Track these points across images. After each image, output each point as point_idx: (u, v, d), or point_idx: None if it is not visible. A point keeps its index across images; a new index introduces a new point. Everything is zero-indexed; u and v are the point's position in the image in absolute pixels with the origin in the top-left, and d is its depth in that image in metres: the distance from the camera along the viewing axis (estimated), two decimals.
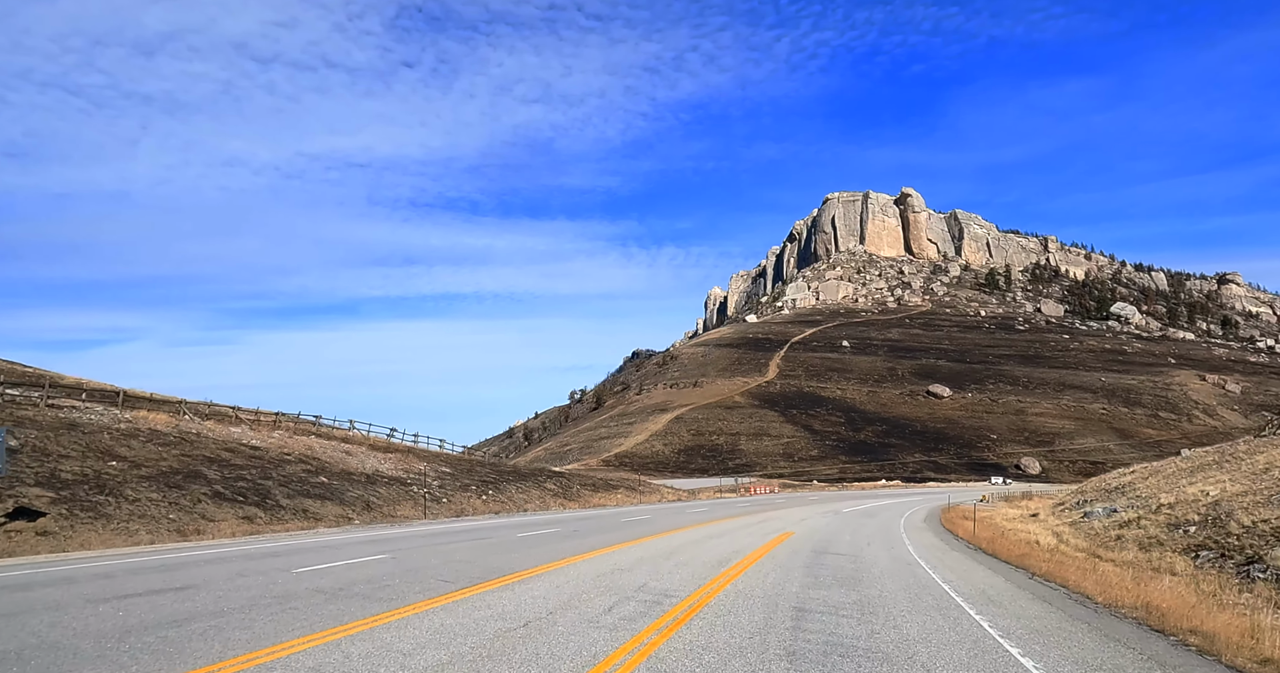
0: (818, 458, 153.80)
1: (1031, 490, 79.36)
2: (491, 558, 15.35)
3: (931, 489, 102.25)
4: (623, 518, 29.36)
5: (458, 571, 13.27)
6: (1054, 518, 31.65)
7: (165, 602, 9.65)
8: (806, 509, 36.08)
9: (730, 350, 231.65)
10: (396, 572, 12.85)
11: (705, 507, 38.59)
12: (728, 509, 35.97)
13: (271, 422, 33.97)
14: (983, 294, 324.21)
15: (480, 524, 25.30)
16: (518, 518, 29.30)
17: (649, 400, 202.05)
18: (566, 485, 39.91)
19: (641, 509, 36.09)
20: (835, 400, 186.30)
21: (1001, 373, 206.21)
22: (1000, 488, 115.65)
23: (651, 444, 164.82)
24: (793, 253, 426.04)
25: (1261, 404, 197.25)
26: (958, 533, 26.39)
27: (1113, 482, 35.86)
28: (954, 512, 38.10)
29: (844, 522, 29.69)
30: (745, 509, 35.82)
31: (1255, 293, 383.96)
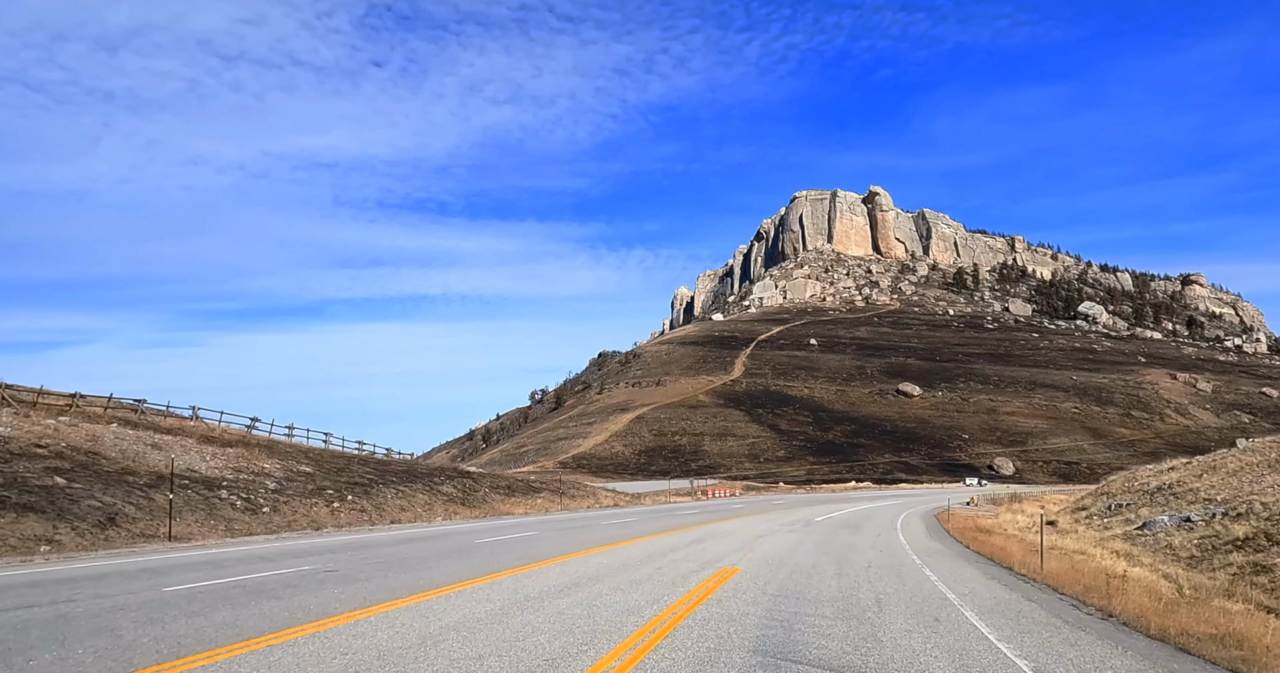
0: (785, 459, 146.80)
1: (1018, 493, 72.54)
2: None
3: (905, 491, 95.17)
4: (492, 537, 21.10)
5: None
6: (1086, 528, 24.28)
7: None
8: (768, 519, 27.73)
9: (695, 349, 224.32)
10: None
11: (637, 516, 30.52)
12: (665, 520, 27.81)
13: (63, 406, 25.70)
14: (951, 293, 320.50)
15: (257, 551, 16.89)
16: (362, 535, 21.32)
17: (610, 400, 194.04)
18: (470, 489, 31.83)
19: (550, 520, 27.39)
20: (803, 399, 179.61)
21: (972, 371, 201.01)
22: (978, 489, 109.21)
23: (611, 445, 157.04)
24: (760, 252, 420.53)
25: (1233, 403, 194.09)
26: (996, 558, 18.30)
27: (1149, 481, 28.78)
28: (957, 519, 30.63)
29: (820, 541, 21.31)
30: (689, 519, 27.75)
31: (1218, 294, 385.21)
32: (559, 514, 30.65)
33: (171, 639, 7.77)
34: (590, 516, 31.36)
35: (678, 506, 43.39)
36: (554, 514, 30.45)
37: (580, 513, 33.42)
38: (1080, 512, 28.64)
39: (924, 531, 25.38)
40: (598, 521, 26.50)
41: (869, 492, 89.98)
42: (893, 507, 44.20)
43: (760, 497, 65.30)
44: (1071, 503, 35.99)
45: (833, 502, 49.27)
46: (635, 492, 58.77)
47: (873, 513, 33.59)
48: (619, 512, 34.13)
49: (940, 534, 24.54)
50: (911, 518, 32.53)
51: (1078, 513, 28.28)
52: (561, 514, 31.09)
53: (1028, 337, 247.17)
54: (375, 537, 20.99)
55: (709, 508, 38.65)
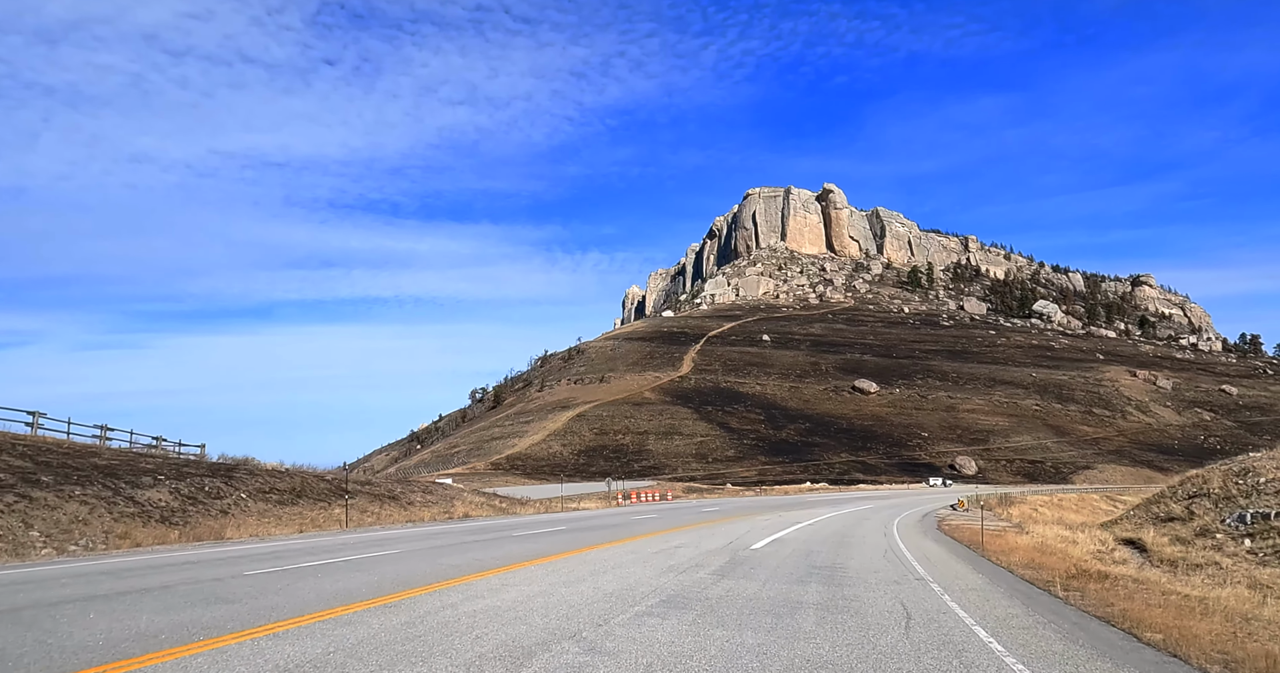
0: (735, 459, 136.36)
1: (1009, 494, 62.47)
2: None
3: (867, 493, 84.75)
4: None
5: None
6: (1212, 553, 13.61)
7: None
8: (665, 549, 15.96)
9: (642, 344, 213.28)
10: None
11: (480, 536, 19.22)
12: (504, 546, 16.42)
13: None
14: (905, 292, 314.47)
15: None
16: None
17: (551, 397, 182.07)
18: (215, 494, 20.18)
19: (245, 553, 14.92)
20: (754, 396, 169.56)
21: (930, 368, 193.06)
22: (944, 491, 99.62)
23: (548, 445, 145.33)
24: (713, 250, 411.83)
25: (1194, 401, 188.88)
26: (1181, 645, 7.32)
27: (1246, 480, 18.47)
28: (978, 537, 19.82)
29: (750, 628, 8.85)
30: (550, 546, 16.43)
31: (1167, 295, 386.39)
32: (315, 538, 18.45)
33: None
34: (408, 534, 19.87)
35: (577, 516, 32.05)
36: (312, 538, 18.47)
37: (402, 530, 21.84)
38: (1169, 523, 18.38)
39: (983, 581, 13.19)
40: (302, 557, 14.15)
41: (827, 494, 79.32)
42: (868, 514, 33.31)
43: (695, 502, 54.22)
44: (1136, 509, 25.61)
45: (786, 508, 38.16)
46: (541, 496, 47.40)
47: (848, 530, 22.28)
48: (449, 530, 22.43)
49: (1015, 585, 12.59)
50: (908, 530, 21.47)
51: (1165, 525, 18.11)
52: (321, 538, 18.78)
53: (984, 334, 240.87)
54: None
55: (606, 521, 26.44)
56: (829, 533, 21.11)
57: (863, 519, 28.66)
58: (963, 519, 29.79)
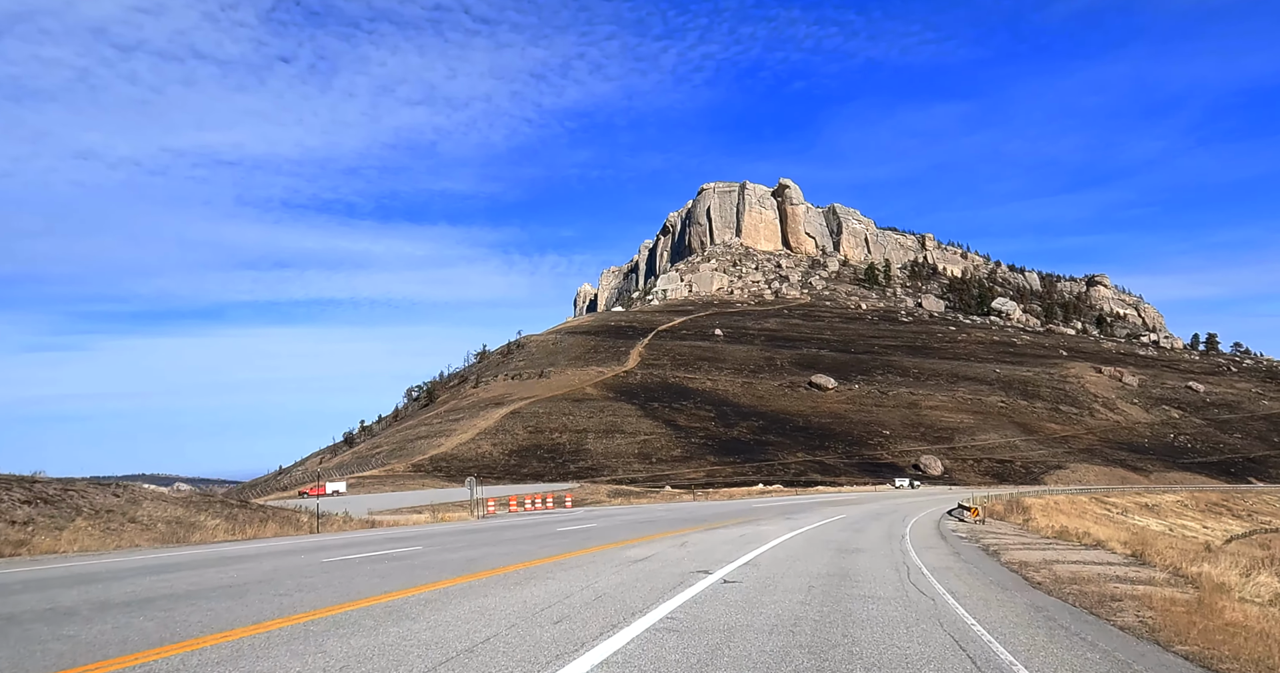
0: (681, 459, 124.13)
1: (1021, 496, 50.78)
2: None
3: (827, 496, 72.45)
4: None
5: None
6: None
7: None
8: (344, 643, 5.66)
9: (586, 338, 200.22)
10: None
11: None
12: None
13: None
14: (862, 289, 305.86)
15: None
16: None
17: (486, 394, 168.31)
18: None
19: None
20: (705, 392, 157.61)
21: (890, 363, 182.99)
22: (912, 493, 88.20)
23: (477, 444, 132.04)
24: (666, 246, 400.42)
25: (1161, 398, 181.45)
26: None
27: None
28: (1086, 584, 7.67)
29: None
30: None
31: (1121, 295, 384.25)
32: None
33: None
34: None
35: (382, 537, 19.79)
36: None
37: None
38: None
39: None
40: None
41: (781, 499, 66.81)
42: (848, 537, 20.42)
43: (613, 510, 41.47)
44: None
45: (722, 522, 25.43)
46: (418, 502, 34.54)
47: (835, 589, 10.32)
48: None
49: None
50: (1005, 617, 9.02)
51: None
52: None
53: (945, 330, 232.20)
54: None
55: (402, 551, 14.56)
56: (791, 610, 8.41)
57: (849, 550, 16.05)
58: (1013, 540, 17.72)
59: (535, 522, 28.67)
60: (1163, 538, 42.88)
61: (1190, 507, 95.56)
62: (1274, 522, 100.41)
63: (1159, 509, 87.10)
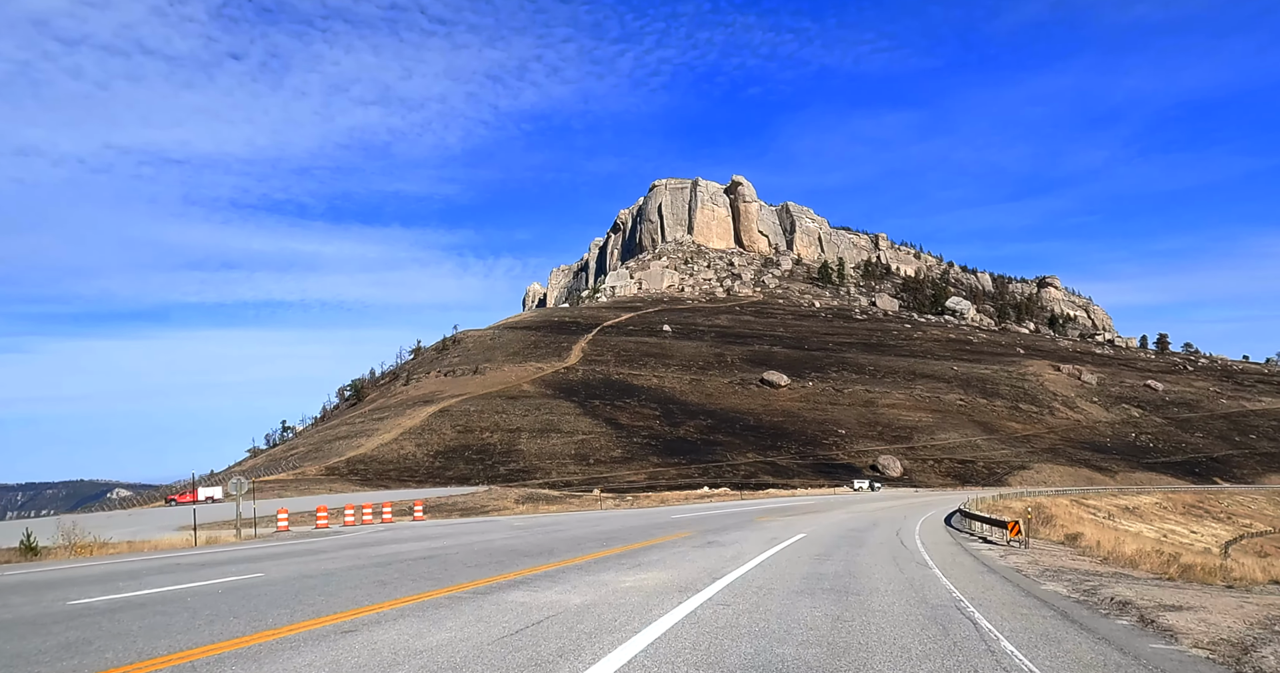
0: (622, 459, 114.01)
1: (1044, 507, 41.49)
2: None
3: (782, 501, 62.60)
4: None
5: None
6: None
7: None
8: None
9: (527, 333, 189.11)
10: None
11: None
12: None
13: None
14: (816, 287, 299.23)
15: None
16: None
17: (416, 391, 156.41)
18: None
19: None
20: (650, 390, 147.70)
21: (845, 360, 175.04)
22: (873, 496, 79.17)
23: (400, 445, 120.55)
24: (617, 244, 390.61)
25: (1120, 396, 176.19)
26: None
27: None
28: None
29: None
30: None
31: (1072, 297, 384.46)
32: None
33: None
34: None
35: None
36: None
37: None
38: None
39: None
40: None
41: (724, 505, 56.79)
42: (809, 580, 10.39)
43: (477, 527, 31.00)
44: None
45: (615, 546, 15.28)
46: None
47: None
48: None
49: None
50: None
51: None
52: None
53: (900, 327, 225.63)
54: None
55: None
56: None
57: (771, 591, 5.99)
58: (1156, 592, 8.00)
59: (309, 550, 18.18)
60: (1197, 554, 33.87)
61: (1170, 509, 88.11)
62: (1255, 524, 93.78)
63: (1141, 512, 79.27)
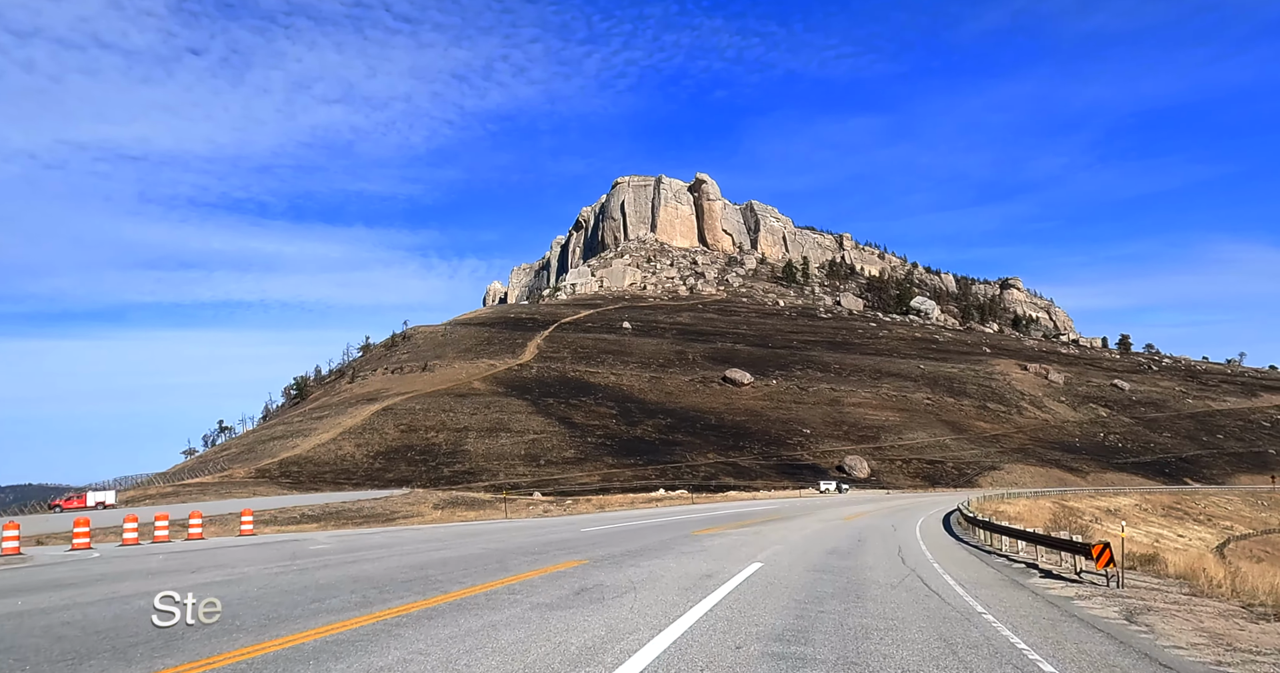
0: (575, 460, 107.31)
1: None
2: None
3: (735, 507, 56.39)
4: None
5: None
6: None
7: None
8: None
9: (481, 329, 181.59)
10: None
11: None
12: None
13: None
14: (780, 286, 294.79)
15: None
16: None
17: (361, 389, 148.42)
18: None
19: None
20: (608, 388, 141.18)
21: (810, 359, 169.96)
22: (841, 498, 73.47)
23: (338, 445, 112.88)
24: (579, 242, 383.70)
25: (1088, 396, 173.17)
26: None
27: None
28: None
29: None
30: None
31: (1034, 298, 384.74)
32: None
33: None
34: None
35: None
36: None
37: None
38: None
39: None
40: None
41: (676, 510, 50.39)
42: None
43: (324, 545, 24.35)
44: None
45: (433, 596, 9.49)
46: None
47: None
48: None
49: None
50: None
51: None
52: None
53: (865, 326, 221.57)
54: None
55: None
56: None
57: None
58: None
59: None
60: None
61: (1150, 511, 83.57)
62: (1236, 526, 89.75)
63: (1123, 515, 74.39)
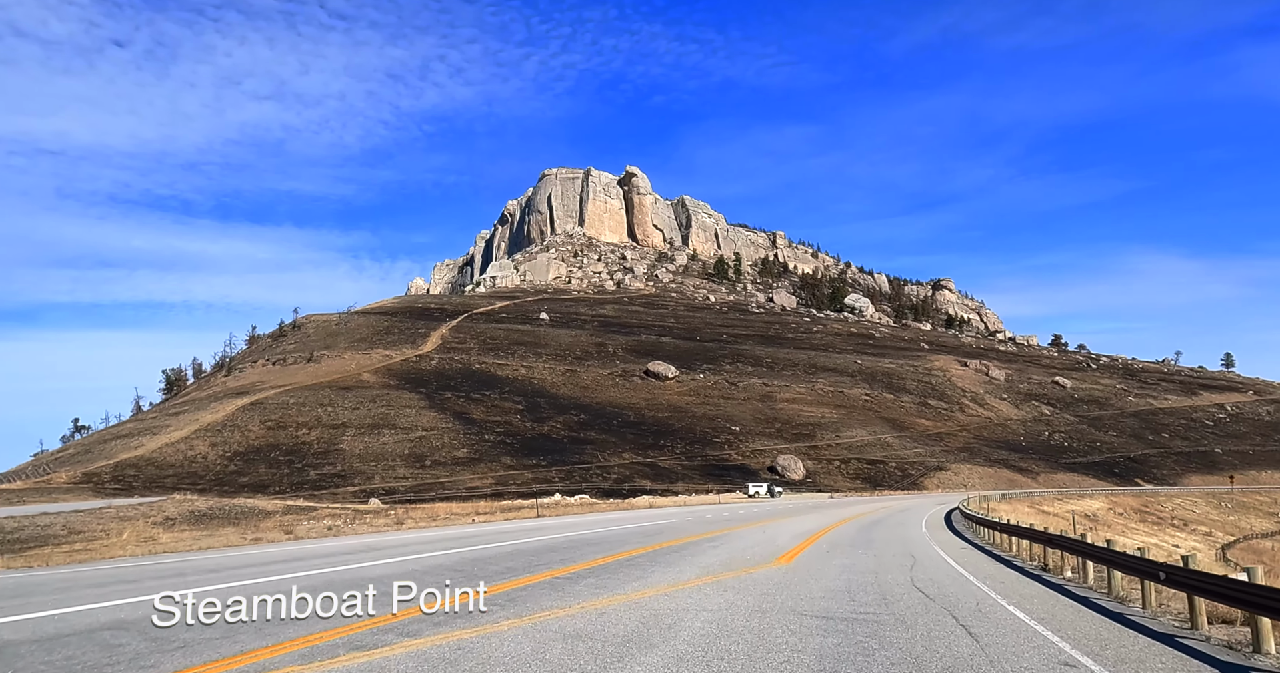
0: (467, 460, 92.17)
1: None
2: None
3: (632, 516, 42.28)
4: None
5: None
6: None
7: None
8: None
9: (381, 319, 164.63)
10: None
11: None
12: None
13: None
14: (712, 283, 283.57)
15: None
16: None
17: (236, 382, 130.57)
18: None
19: None
20: (516, 381, 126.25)
21: (740, 352, 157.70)
22: (775, 504, 60.22)
23: (190, 445, 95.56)
24: (504, 237, 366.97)
25: (1030, 393, 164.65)
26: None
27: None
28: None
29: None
30: None
31: (965, 300, 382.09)
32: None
33: None
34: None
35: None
36: None
37: None
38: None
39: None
40: None
41: (555, 524, 36.07)
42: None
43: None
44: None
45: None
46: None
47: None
48: None
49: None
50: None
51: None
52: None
53: (799, 321, 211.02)
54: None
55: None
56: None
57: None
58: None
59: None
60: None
61: (1125, 517, 72.63)
62: (1215, 533, 79.69)
63: (1102, 520, 62.96)
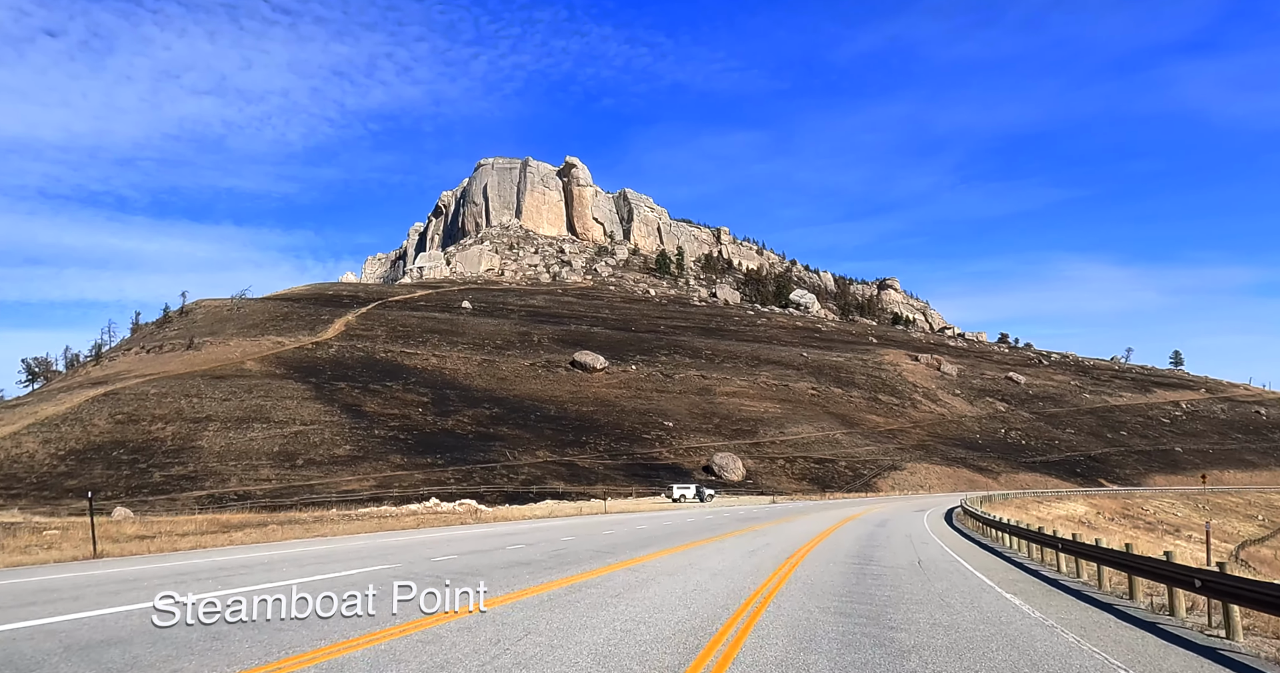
0: (349, 459, 78.08)
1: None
2: None
3: (498, 531, 28.47)
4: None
5: None
6: None
7: None
8: None
9: (280, 304, 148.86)
10: None
11: None
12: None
13: None
14: (653, 277, 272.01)
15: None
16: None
17: (101, 372, 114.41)
18: None
19: None
20: (425, 371, 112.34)
21: (678, 344, 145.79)
22: (700, 510, 47.92)
23: (18, 442, 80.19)
24: (438, 229, 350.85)
25: (983, 389, 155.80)
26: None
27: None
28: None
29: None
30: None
31: (910, 299, 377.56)
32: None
33: None
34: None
35: None
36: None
37: None
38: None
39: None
40: None
41: (345, 546, 22.19)
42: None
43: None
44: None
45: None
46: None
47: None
48: None
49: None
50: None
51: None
52: None
53: (743, 314, 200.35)
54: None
55: None
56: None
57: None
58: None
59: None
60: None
61: (1115, 521, 62.23)
62: (1198, 536, 70.27)
63: (1095, 525, 52.23)
